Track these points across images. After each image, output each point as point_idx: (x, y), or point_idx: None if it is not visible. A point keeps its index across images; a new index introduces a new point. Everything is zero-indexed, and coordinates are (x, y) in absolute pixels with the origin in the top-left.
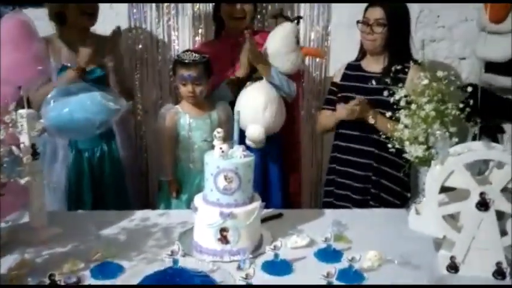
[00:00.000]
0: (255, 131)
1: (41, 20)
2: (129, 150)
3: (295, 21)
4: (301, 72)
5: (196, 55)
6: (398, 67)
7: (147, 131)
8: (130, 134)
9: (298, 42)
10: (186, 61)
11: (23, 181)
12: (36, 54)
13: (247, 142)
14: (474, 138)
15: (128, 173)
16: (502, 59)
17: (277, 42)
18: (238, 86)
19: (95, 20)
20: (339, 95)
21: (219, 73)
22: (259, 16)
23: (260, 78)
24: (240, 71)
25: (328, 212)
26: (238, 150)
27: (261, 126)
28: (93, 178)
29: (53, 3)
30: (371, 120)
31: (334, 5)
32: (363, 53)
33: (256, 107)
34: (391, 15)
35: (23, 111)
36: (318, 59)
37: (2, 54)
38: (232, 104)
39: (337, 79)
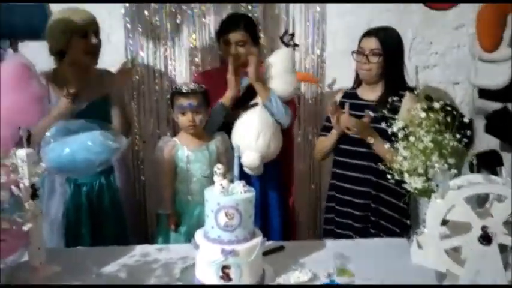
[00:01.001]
0: (249, 158)
1: (40, 53)
2: (127, 183)
3: (292, 47)
4: (295, 101)
5: (195, 85)
6: (396, 98)
7: (145, 161)
8: (129, 165)
9: (293, 66)
10: (185, 90)
11: (26, 228)
12: (36, 96)
13: (245, 169)
14: (472, 168)
15: (126, 205)
16: (496, 86)
17: (275, 65)
18: (233, 106)
19: (97, 59)
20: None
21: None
22: (265, 51)
23: (255, 104)
24: (228, 92)
25: (330, 244)
26: (239, 186)
27: (256, 152)
28: (91, 211)
29: (54, 41)
30: (370, 140)
31: (329, 33)
32: (358, 81)
33: (250, 134)
34: (386, 44)
35: (22, 153)
36: (311, 84)
37: (2, 96)
38: (226, 125)
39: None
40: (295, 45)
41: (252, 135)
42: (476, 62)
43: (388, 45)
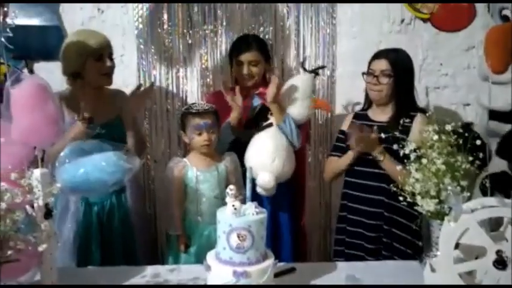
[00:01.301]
0: (265, 179)
1: (53, 73)
2: (138, 202)
3: (314, 73)
4: (307, 123)
5: (207, 104)
6: (407, 120)
7: (156, 181)
8: (140, 184)
9: (313, 92)
10: (200, 110)
11: (41, 248)
12: (51, 116)
13: (258, 189)
14: (484, 191)
15: (136, 224)
16: (504, 108)
17: (295, 89)
18: (246, 128)
19: (111, 80)
20: (347, 143)
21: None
22: (276, 72)
23: (270, 125)
24: (232, 114)
25: (341, 265)
26: (251, 207)
27: (271, 173)
28: (102, 230)
29: (69, 63)
30: (379, 157)
31: (339, 55)
32: (369, 102)
33: (266, 155)
34: (396, 66)
35: (37, 173)
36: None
37: (19, 116)
38: (238, 146)
39: (345, 127)
40: (317, 73)
41: (268, 157)
42: (485, 84)
43: (399, 66)
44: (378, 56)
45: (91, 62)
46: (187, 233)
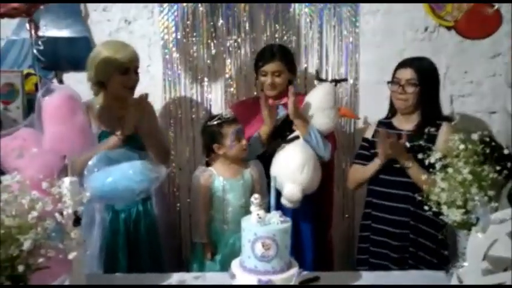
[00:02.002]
0: (293, 191)
1: (82, 83)
2: (163, 209)
3: (334, 83)
4: (335, 133)
5: (230, 112)
6: (432, 129)
7: (181, 188)
8: (165, 192)
9: (335, 101)
10: (232, 117)
11: (71, 256)
12: (81, 126)
13: (283, 201)
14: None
15: (161, 231)
16: None
17: (316, 99)
18: (271, 138)
19: (134, 93)
20: (371, 151)
21: (255, 129)
22: (298, 80)
23: (296, 138)
24: (263, 128)
25: (365, 275)
26: (275, 216)
27: (298, 185)
28: (128, 238)
29: (95, 74)
30: (408, 164)
31: (362, 63)
32: (393, 111)
33: (293, 167)
34: (422, 75)
35: (67, 182)
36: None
37: (50, 126)
38: (262, 156)
39: (369, 135)
40: (338, 80)
41: (296, 169)
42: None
43: (424, 75)
44: (403, 64)
45: (116, 75)
46: (212, 241)
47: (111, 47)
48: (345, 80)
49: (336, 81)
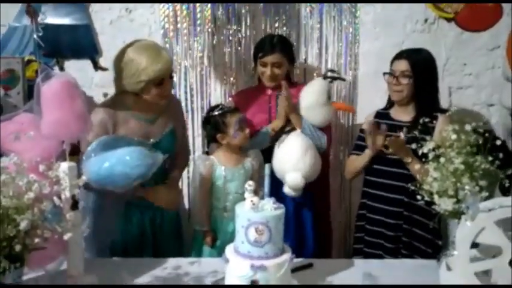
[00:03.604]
0: (296, 179)
1: (83, 70)
2: None
3: (328, 79)
4: (331, 125)
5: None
6: (427, 119)
7: None
8: None
9: (329, 97)
10: (234, 107)
11: (66, 237)
12: (79, 112)
13: (285, 190)
14: (504, 190)
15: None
16: None
17: (310, 97)
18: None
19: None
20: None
21: (255, 120)
22: (298, 71)
23: (293, 130)
24: (277, 122)
25: (359, 263)
26: (269, 203)
27: (301, 173)
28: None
29: (127, 84)
30: (407, 159)
31: (361, 54)
32: (391, 102)
33: (296, 156)
34: (416, 67)
35: (65, 166)
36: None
37: (48, 111)
38: (264, 151)
39: (366, 126)
40: (341, 78)
41: (298, 157)
42: (508, 84)
43: (419, 67)
44: (399, 56)
45: (151, 86)
46: (212, 229)
47: (146, 56)
48: (343, 79)
49: (333, 79)
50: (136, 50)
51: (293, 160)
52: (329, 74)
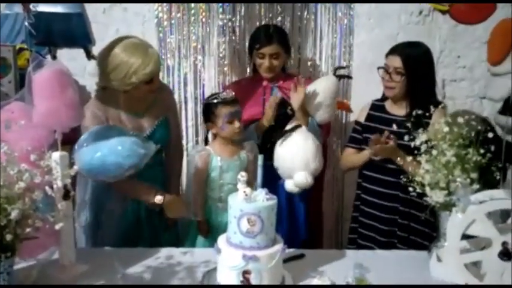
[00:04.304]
0: (305, 179)
1: (75, 60)
2: None
3: (339, 78)
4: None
5: (231, 93)
6: (419, 112)
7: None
8: None
9: (336, 96)
10: (229, 99)
11: (57, 226)
12: (70, 101)
13: (289, 187)
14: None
15: None
16: (500, 99)
17: (321, 95)
18: (266, 131)
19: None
20: (364, 135)
21: (249, 112)
22: (292, 62)
23: (297, 127)
24: (264, 121)
25: (350, 253)
26: (261, 194)
27: (310, 172)
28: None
29: (115, 82)
30: (400, 162)
31: (356, 46)
32: None
33: (308, 155)
34: (409, 64)
35: (56, 156)
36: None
37: (40, 100)
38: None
39: (362, 118)
40: (349, 77)
41: (311, 157)
42: (493, 77)
43: (412, 64)
44: (393, 51)
45: (141, 85)
46: (207, 219)
47: (135, 58)
48: (350, 77)
49: (341, 77)
50: (125, 51)
51: (304, 160)
52: (341, 71)
